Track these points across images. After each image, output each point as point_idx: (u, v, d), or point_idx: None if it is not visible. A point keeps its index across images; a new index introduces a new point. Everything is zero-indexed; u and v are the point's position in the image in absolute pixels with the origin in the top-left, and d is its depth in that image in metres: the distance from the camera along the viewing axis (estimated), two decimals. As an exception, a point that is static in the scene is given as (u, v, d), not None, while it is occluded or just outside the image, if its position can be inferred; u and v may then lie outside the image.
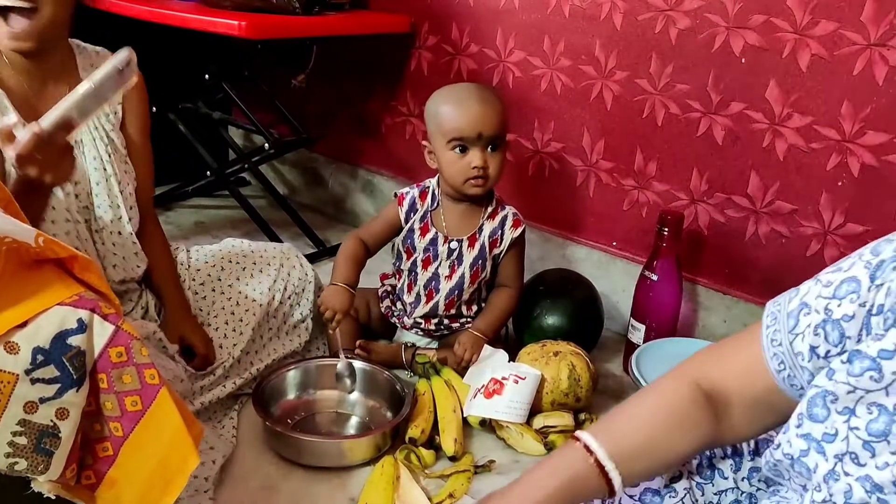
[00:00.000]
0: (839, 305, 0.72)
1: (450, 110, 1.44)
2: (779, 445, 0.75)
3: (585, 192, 1.80)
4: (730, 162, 1.56)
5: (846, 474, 0.68)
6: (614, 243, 1.79)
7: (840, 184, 1.44)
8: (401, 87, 2.11)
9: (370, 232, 1.56)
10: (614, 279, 1.77)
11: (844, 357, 0.70)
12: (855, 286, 0.71)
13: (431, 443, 1.32)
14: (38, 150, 1.01)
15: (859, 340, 0.70)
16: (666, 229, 1.51)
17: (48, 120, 1.04)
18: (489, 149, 1.44)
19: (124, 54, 1.09)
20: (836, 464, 0.69)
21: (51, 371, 0.85)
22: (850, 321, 0.70)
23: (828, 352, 0.73)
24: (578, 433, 0.82)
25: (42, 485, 0.90)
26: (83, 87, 1.05)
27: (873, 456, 0.66)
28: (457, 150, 1.44)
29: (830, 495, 0.68)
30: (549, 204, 1.87)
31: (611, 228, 1.78)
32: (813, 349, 0.74)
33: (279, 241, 1.99)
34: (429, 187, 1.56)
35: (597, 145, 1.75)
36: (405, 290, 1.58)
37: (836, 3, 1.36)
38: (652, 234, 1.56)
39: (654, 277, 1.53)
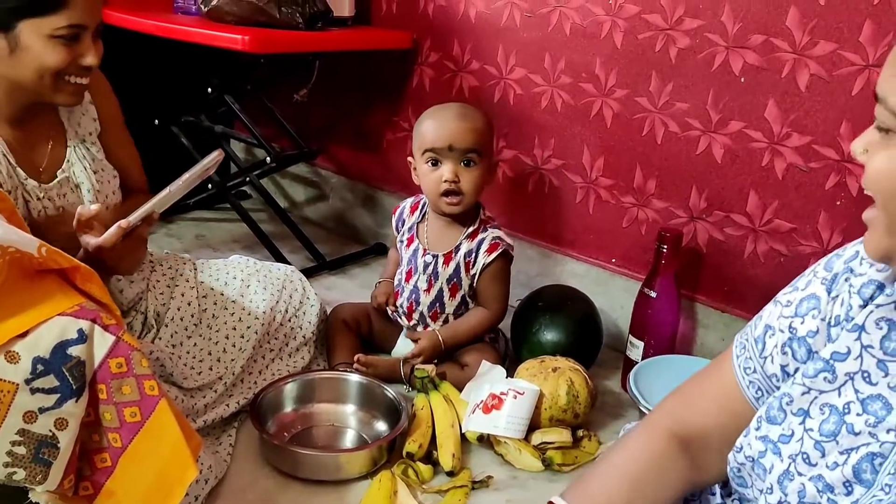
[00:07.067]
0: (802, 322, 0.74)
1: (427, 124, 1.48)
2: (740, 448, 0.77)
3: (585, 209, 1.80)
4: (729, 180, 1.57)
5: (799, 474, 0.69)
6: (613, 260, 1.79)
7: (838, 203, 1.44)
8: (402, 103, 2.12)
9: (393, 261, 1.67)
10: (613, 296, 1.77)
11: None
12: (815, 303, 0.74)
13: (429, 458, 1.32)
14: (118, 242, 1.06)
15: None
16: (665, 247, 1.51)
17: (135, 214, 1.08)
18: (463, 164, 1.46)
19: (214, 155, 1.14)
20: (790, 464, 0.70)
21: (50, 381, 0.85)
22: (816, 336, 0.73)
23: (796, 369, 0.75)
24: (554, 499, 0.82)
25: (40, 495, 0.91)
26: (173, 186, 1.11)
27: (823, 456, 0.68)
28: (430, 162, 1.48)
29: (785, 495, 0.69)
30: (549, 220, 1.87)
31: (610, 245, 1.79)
32: (783, 368, 0.76)
33: (279, 254, 2.00)
34: (421, 199, 1.60)
35: (596, 162, 1.75)
36: (396, 298, 1.63)
37: (835, 23, 1.37)
38: (651, 251, 1.57)
39: (653, 294, 1.53)
